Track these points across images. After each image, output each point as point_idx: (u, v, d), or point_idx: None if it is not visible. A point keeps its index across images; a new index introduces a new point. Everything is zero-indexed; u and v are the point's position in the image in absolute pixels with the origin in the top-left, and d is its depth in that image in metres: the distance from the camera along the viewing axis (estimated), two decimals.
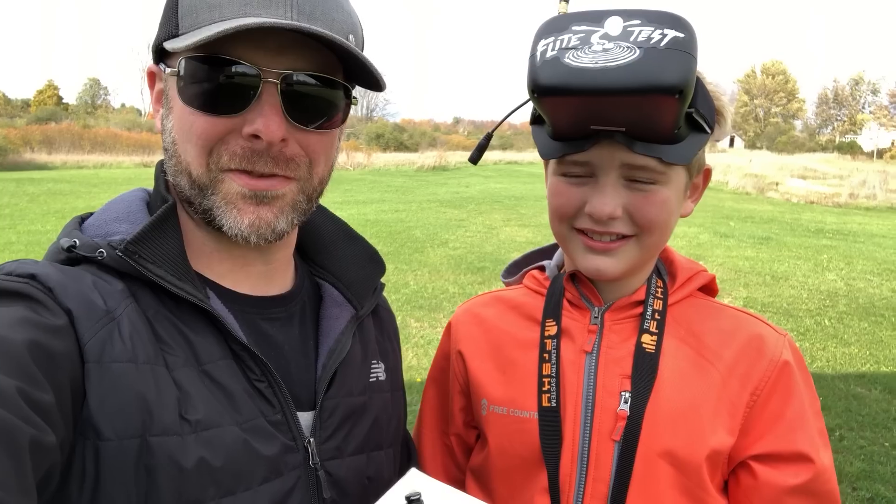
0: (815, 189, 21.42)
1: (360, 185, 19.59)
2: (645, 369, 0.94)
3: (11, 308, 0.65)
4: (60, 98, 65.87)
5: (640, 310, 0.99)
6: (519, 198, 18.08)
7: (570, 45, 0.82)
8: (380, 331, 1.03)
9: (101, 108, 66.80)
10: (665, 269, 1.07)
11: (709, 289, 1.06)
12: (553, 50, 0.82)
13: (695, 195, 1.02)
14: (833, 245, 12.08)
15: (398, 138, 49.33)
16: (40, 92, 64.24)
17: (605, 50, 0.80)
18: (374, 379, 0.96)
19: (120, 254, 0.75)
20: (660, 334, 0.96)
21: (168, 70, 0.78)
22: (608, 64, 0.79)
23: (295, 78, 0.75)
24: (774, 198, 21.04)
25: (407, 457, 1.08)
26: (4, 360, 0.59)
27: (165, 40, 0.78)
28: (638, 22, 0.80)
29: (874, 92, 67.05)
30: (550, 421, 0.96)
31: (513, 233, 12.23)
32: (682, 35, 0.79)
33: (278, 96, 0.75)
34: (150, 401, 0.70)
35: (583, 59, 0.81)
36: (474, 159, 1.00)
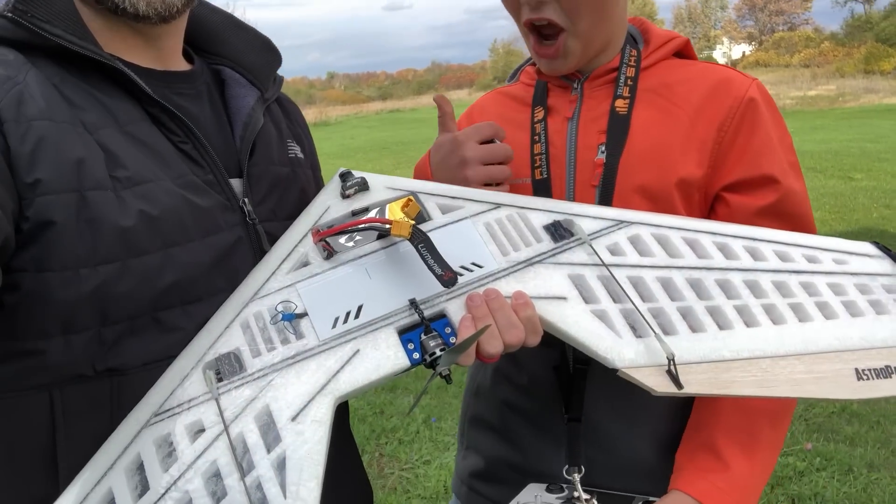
0: None
1: None
2: (618, 126, 1.03)
3: None
4: None
5: (614, 76, 1.07)
6: (406, 143, 18.03)
7: None
8: (289, 119, 1.04)
9: None
10: (641, 38, 1.13)
11: (684, 54, 1.13)
12: None
13: None
14: None
15: None
16: None
17: None
18: (294, 155, 0.98)
19: (9, 14, 0.70)
20: (632, 98, 1.04)
21: None
22: None
23: None
24: None
25: None
26: None
27: None
28: None
29: (723, 8, 71.31)
30: (543, 188, 1.06)
31: (405, 175, 12.13)
32: None
33: None
34: (79, 157, 0.68)
35: None
36: None
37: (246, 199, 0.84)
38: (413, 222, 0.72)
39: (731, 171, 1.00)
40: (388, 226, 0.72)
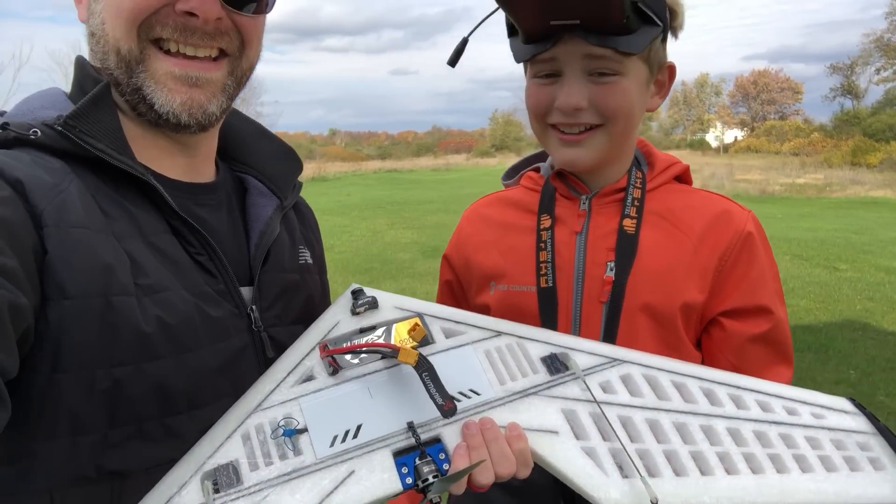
0: None
1: None
2: (626, 244, 1.08)
3: None
4: None
5: (622, 196, 1.13)
6: (401, 203, 18.25)
7: None
8: (303, 224, 1.09)
9: None
10: (645, 161, 1.21)
11: (683, 179, 1.21)
12: None
13: (661, 92, 1.15)
14: None
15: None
16: None
17: None
18: (304, 262, 1.02)
19: (60, 127, 0.75)
20: (639, 218, 1.10)
21: None
22: None
23: None
24: None
25: None
26: None
27: None
28: None
29: (717, 93, 73.79)
30: (548, 298, 1.09)
31: (398, 235, 12.35)
32: None
33: None
34: (107, 263, 0.72)
35: None
36: (452, 62, 1.13)
37: (254, 307, 0.89)
38: (419, 351, 0.76)
39: (729, 298, 1.08)
40: (395, 352, 0.76)
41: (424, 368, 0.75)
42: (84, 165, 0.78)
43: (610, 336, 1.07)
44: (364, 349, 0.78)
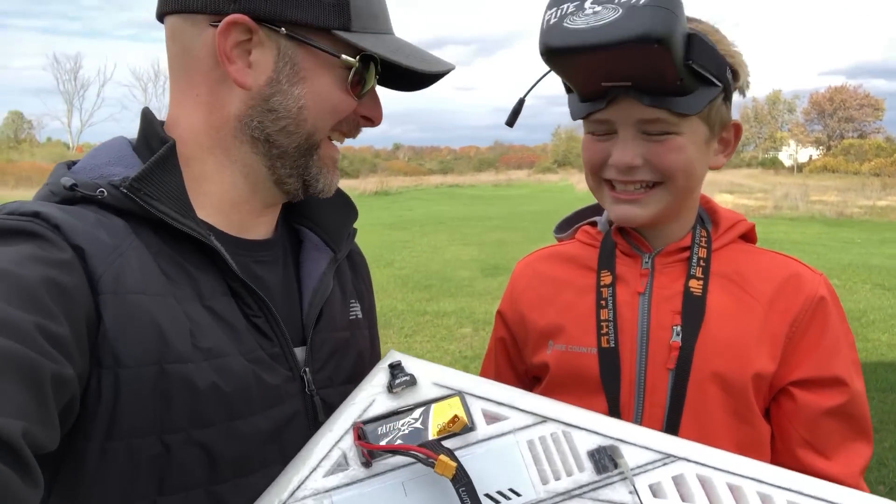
0: (743, 202, 22.43)
1: None
2: (693, 307, 1.03)
3: (20, 246, 0.66)
4: None
5: (686, 255, 1.08)
6: (462, 219, 18.31)
7: (568, 13, 0.93)
8: (354, 274, 1.08)
9: (26, 143, 64.10)
10: (709, 218, 1.16)
11: (748, 237, 1.15)
12: (555, 17, 0.95)
13: (726, 150, 1.10)
14: None
15: (339, 165, 49.31)
16: None
17: (595, 12, 0.91)
18: (354, 317, 1.01)
19: (125, 190, 0.76)
20: (705, 279, 1.05)
21: (323, 48, 0.83)
22: (596, 23, 0.90)
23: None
24: None
25: None
26: (21, 295, 0.60)
27: (326, 27, 0.83)
28: None
29: (790, 110, 71.21)
30: (611, 359, 1.05)
31: (457, 251, 12.36)
32: None
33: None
34: (164, 330, 0.72)
35: (577, 22, 0.92)
36: (510, 123, 1.13)
37: (307, 369, 0.88)
38: (456, 464, 0.71)
39: (800, 368, 1.02)
40: (432, 460, 0.72)
41: (462, 483, 0.70)
42: (146, 225, 0.79)
43: (677, 405, 1.01)
44: (400, 451, 0.74)
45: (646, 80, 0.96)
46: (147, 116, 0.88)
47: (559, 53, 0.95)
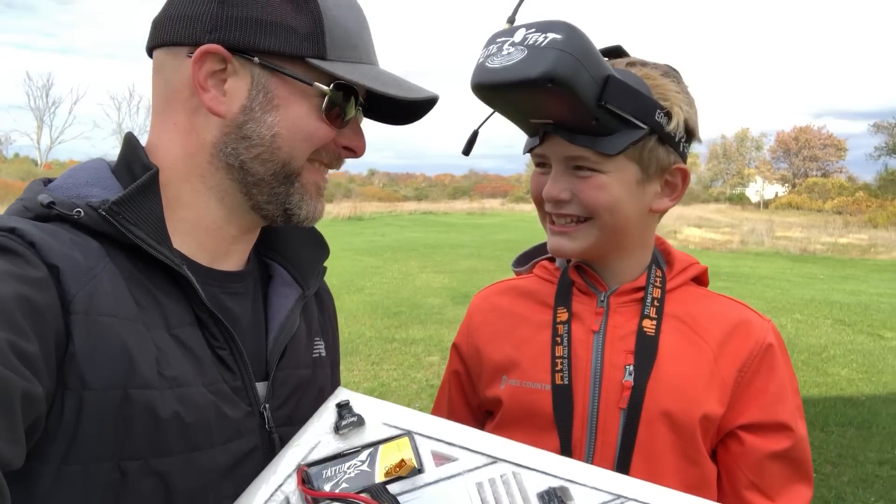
0: (710, 237, 22.81)
1: None
2: (646, 347, 1.05)
3: None
4: None
5: (640, 295, 1.10)
6: (434, 246, 18.32)
7: (491, 53, 0.98)
8: (321, 310, 1.08)
9: None
10: (663, 259, 1.18)
11: (701, 280, 1.18)
12: (483, 57, 1.00)
13: (673, 194, 1.11)
14: (728, 286, 12.87)
15: None
16: None
17: (507, 53, 0.95)
18: (318, 355, 1.01)
19: (104, 213, 0.76)
20: (658, 319, 1.07)
21: (296, 76, 0.83)
22: (507, 63, 0.94)
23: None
24: (674, 244, 22.21)
25: None
26: None
27: (300, 55, 0.82)
28: (534, 30, 0.94)
29: (758, 148, 73.08)
30: (564, 396, 1.06)
31: (429, 279, 12.34)
32: (560, 36, 0.92)
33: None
34: (133, 355, 0.72)
35: (494, 62, 0.97)
36: (466, 152, 1.15)
37: (267, 405, 0.88)
38: None
39: (747, 412, 1.05)
40: None
41: None
42: (120, 249, 0.79)
43: (628, 444, 1.02)
44: (341, 500, 0.73)
45: (563, 118, 1.00)
46: (131, 141, 0.88)
47: (477, 90, 1.01)
